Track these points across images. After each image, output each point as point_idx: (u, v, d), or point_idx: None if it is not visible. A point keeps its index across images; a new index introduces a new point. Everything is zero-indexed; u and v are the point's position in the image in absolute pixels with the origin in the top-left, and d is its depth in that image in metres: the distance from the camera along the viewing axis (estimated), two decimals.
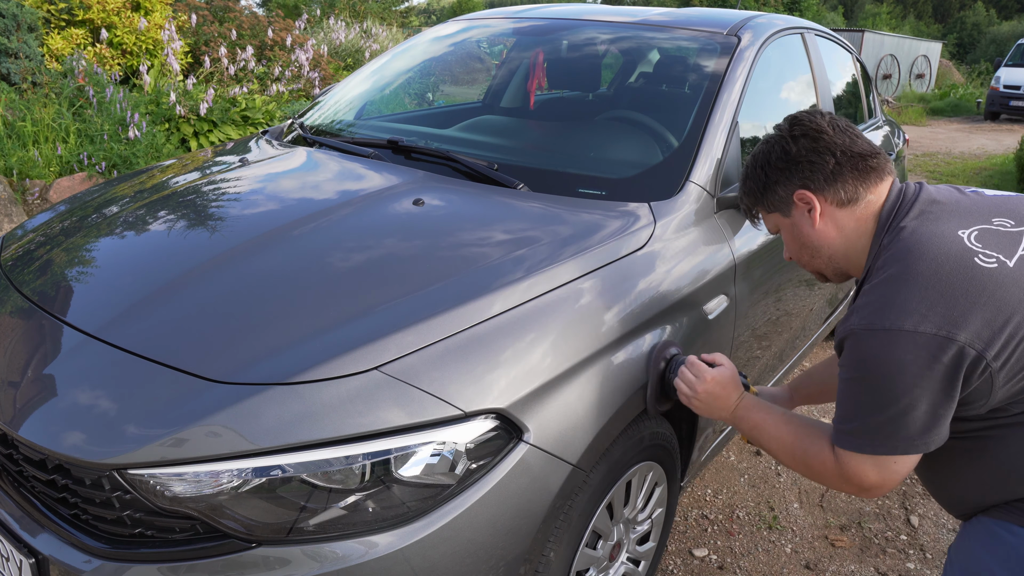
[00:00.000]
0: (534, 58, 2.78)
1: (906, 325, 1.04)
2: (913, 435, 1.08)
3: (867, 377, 1.09)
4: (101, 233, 1.74)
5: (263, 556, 1.14)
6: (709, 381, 1.41)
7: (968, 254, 1.07)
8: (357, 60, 9.76)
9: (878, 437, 1.10)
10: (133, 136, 5.05)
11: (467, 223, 1.66)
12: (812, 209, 1.25)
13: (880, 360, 1.06)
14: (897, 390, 1.06)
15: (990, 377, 1.04)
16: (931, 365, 1.03)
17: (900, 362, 1.04)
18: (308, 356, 1.23)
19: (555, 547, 1.39)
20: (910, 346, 1.03)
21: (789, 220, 1.30)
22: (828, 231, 1.26)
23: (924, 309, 1.03)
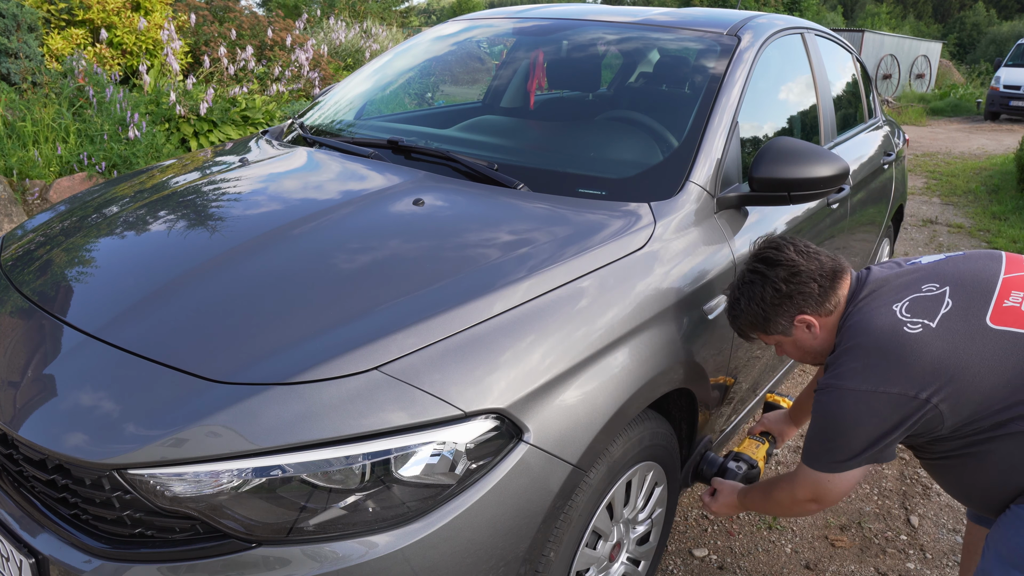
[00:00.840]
0: (534, 58, 2.78)
1: (850, 385, 1.37)
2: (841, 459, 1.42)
3: (824, 418, 1.43)
4: (101, 233, 1.73)
5: (263, 556, 1.14)
6: (716, 507, 1.82)
7: (898, 325, 1.36)
8: (357, 60, 9.76)
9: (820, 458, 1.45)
10: (133, 136, 5.05)
11: (467, 223, 1.66)
12: (812, 327, 1.53)
13: (832, 409, 1.40)
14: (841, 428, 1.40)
15: (936, 409, 1.33)
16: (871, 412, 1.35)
17: (844, 410, 1.38)
18: (308, 356, 1.23)
19: (555, 547, 1.39)
20: (855, 399, 1.36)
21: (791, 338, 1.58)
22: (824, 337, 1.54)
23: (865, 372, 1.36)
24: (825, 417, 1.41)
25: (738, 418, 2.29)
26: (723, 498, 1.80)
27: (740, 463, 1.88)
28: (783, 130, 2.46)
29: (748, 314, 1.57)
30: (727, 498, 1.79)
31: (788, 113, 2.55)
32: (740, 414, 2.30)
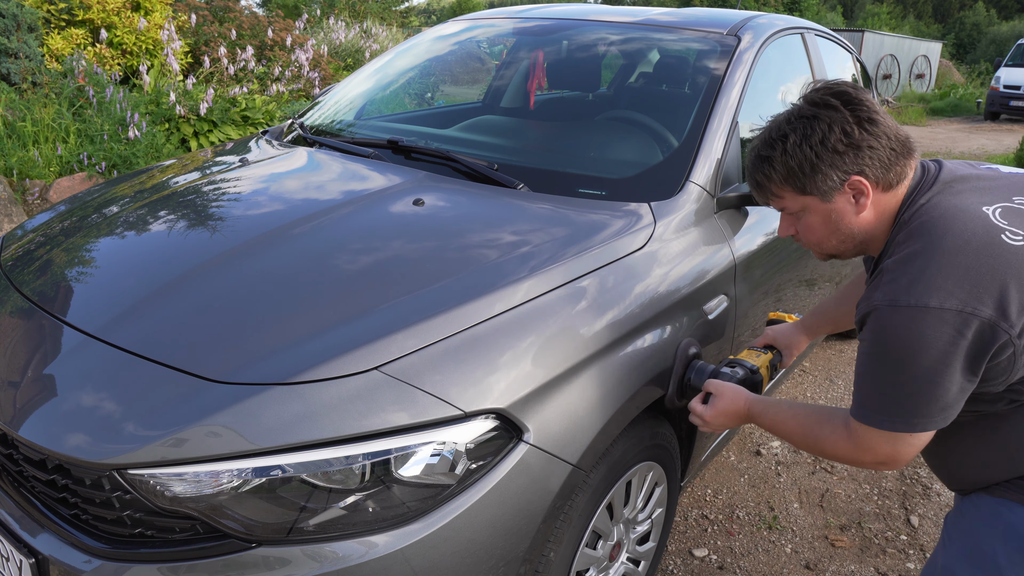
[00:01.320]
0: (534, 58, 2.78)
1: (932, 302, 1.02)
2: (932, 413, 1.08)
3: (889, 353, 1.08)
4: (101, 233, 1.73)
5: (263, 556, 1.14)
6: (711, 414, 1.47)
7: (995, 231, 1.06)
8: (357, 60, 9.76)
9: (897, 414, 1.11)
10: (133, 136, 5.05)
11: (467, 223, 1.66)
12: (862, 196, 1.18)
13: (903, 337, 1.05)
14: (919, 368, 1.05)
15: (1013, 355, 1.04)
16: (955, 342, 1.02)
17: (924, 339, 1.03)
18: (308, 356, 1.23)
19: (555, 547, 1.39)
20: (935, 323, 1.02)
21: (828, 206, 1.21)
22: (869, 218, 1.20)
23: (950, 286, 1.02)
24: (897, 349, 1.06)
25: None
26: (723, 403, 1.45)
27: (736, 368, 1.58)
28: None
29: (793, 158, 1.19)
30: (729, 404, 1.44)
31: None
32: None
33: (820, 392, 3.40)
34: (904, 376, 1.07)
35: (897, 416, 1.11)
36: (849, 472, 2.78)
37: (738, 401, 1.44)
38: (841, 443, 1.22)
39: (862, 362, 1.15)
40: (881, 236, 1.22)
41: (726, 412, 1.45)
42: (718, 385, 1.48)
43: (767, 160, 1.24)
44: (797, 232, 1.29)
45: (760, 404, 1.40)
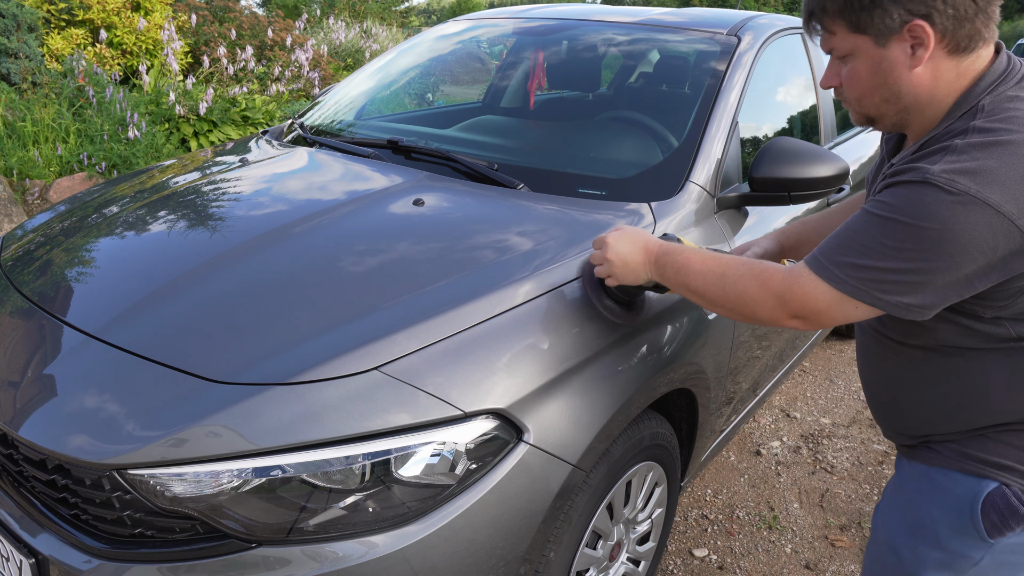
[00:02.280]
0: (534, 58, 2.78)
1: (992, 197, 0.91)
2: (911, 303, 0.98)
3: (907, 226, 0.95)
4: (101, 233, 1.73)
5: (263, 556, 1.14)
6: (611, 240, 1.34)
7: None
8: (357, 60, 9.76)
9: (868, 282, 0.99)
10: (133, 136, 5.05)
11: (467, 223, 1.66)
12: (921, 47, 1.01)
13: (939, 217, 0.93)
14: (930, 253, 0.94)
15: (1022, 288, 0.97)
16: (984, 250, 0.93)
17: (958, 230, 0.92)
18: (308, 356, 1.23)
19: (555, 547, 1.39)
20: (980, 220, 0.92)
21: (880, 51, 1.04)
22: (924, 79, 1.04)
23: (1015, 188, 0.92)
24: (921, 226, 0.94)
25: (738, 418, 2.29)
26: (618, 243, 1.32)
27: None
28: (783, 130, 2.45)
29: None
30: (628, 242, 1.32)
31: (788, 113, 2.55)
32: (740, 414, 2.30)
33: (820, 392, 3.40)
34: (909, 253, 0.95)
35: (867, 284, 0.99)
36: (849, 472, 2.78)
37: (637, 235, 1.32)
38: (772, 282, 1.09)
39: (859, 218, 1.02)
40: (932, 112, 1.07)
41: (626, 239, 1.32)
42: (622, 234, 1.35)
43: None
44: (840, 83, 1.13)
45: (670, 244, 1.28)
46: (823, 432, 3.05)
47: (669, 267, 1.26)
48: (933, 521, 1.14)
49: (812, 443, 2.97)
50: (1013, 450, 1.08)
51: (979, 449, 1.10)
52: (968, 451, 1.11)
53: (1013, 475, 1.08)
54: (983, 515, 1.09)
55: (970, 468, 1.11)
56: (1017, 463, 1.07)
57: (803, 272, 1.06)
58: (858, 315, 1.04)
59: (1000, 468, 1.08)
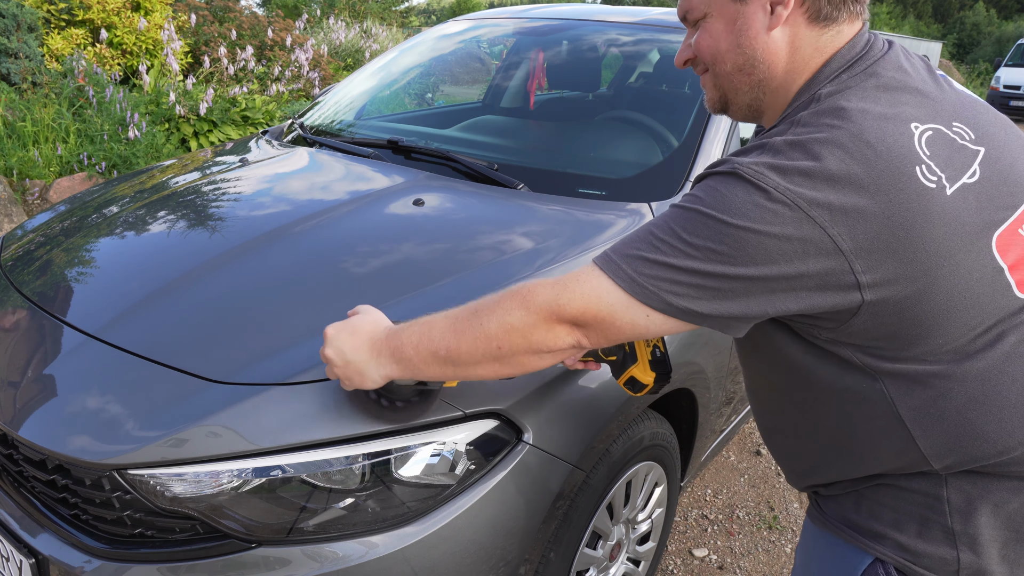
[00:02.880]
0: (534, 58, 2.78)
1: (803, 200, 0.80)
2: (708, 313, 0.85)
3: (710, 218, 0.83)
4: (101, 233, 1.74)
5: (263, 556, 1.14)
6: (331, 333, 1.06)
7: (912, 159, 0.82)
8: (357, 60, 9.76)
9: (663, 284, 0.85)
10: (133, 136, 5.05)
11: (467, 223, 1.66)
12: (779, 5, 0.93)
13: (745, 212, 0.81)
14: (734, 256, 0.82)
15: (856, 308, 0.83)
16: (794, 258, 0.81)
17: (764, 231, 0.80)
18: (308, 356, 1.23)
19: (555, 547, 1.39)
20: (789, 222, 0.80)
21: (738, 7, 0.95)
22: (779, 45, 0.94)
23: (834, 196, 0.80)
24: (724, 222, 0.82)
25: (738, 418, 2.29)
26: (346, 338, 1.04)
27: None
28: None
29: None
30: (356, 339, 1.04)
31: None
32: (740, 414, 2.30)
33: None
34: (705, 251, 0.83)
35: (657, 283, 0.85)
36: None
37: (368, 323, 1.06)
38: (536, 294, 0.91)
39: (663, 213, 0.90)
40: (783, 95, 0.98)
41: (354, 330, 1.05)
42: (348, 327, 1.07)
43: None
44: (693, 55, 1.02)
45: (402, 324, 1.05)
46: None
47: (407, 346, 1.00)
48: None
49: None
50: (886, 511, 0.95)
51: (854, 511, 0.99)
52: (846, 514, 1.00)
53: (888, 547, 0.95)
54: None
55: (847, 536, 0.99)
56: (891, 528, 0.94)
57: (584, 270, 0.90)
58: (651, 327, 0.88)
59: (875, 538, 0.96)
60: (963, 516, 0.90)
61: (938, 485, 0.91)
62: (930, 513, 0.91)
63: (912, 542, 0.92)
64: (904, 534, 0.93)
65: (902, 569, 0.94)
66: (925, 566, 0.92)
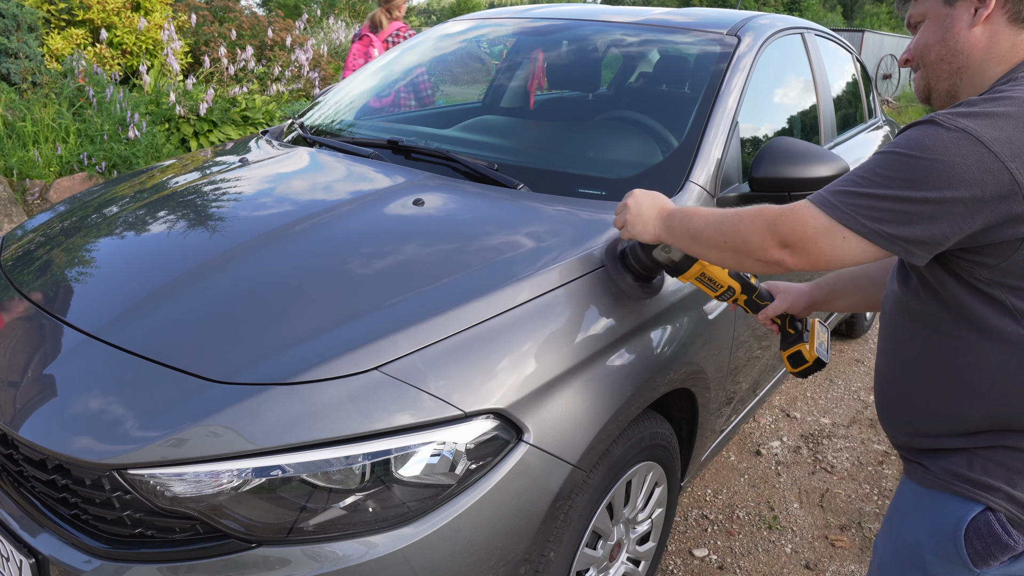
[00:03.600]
0: (534, 58, 2.78)
1: (984, 135, 0.93)
2: (897, 235, 0.98)
3: (906, 158, 0.98)
4: (101, 233, 1.73)
5: (263, 556, 1.14)
6: (636, 192, 1.40)
7: None
8: None
9: (862, 211, 1.00)
10: (133, 136, 5.05)
11: (467, 223, 1.66)
12: (983, 7, 1.07)
13: (934, 149, 0.95)
14: (922, 181, 0.96)
15: (1020, 242, 0.95)
16: (973, 186, 0.93)
17: (947, 161, 0.94)
18: (308, 356, 1.23)
19: (555, 547, 1.39)
20: (968, 153, 0.93)
21: (947, 10, 1.11)
22: (980, 40, 1.09)
23: (1014, 136, 0.93)
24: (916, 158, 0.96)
25: (738, 418, 2.29)
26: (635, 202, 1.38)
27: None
28: (783, 130, 2.45)
29: None
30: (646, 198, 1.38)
31: (788, 113, 2.54)
32: (740, 414, 2.30)
33: (820, 392, 3.40)
34: (897, 181, 0.98)
35: (856, 210, 1.01)
36: (849, 472, 2.78)
37: (651, 195, 1.37)
38: (764, 211, 1.10)
39: (869, 160, 1.04)
40: (980, 81, 1.10)
41: (644, 196, 1.38)
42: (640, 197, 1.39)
43: None
44: (912, 56, 1.19)
45: (683, 207, 1.32)
46: (823, 432, 3.06)
47: (676, 218, 1.30)
48: (919, 546, 1.11)
49: (812, 443, 2.97)
50: (1000, 469, 1.03)
51: (967, 468, 1.06)
52: (956, 469, 1.07)
53: (999, 497, 1.03)
54: (966, 541, 1.05)
55: (957, 489, 1.07)
56: (1004, 483, 1.03)
57: (800, 203, 1.07)
58: (848, 249, 1.02)
59: (987, 489, 1.04)
60: None
61: None
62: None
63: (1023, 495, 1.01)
64: (1017, 488, 1.01)
65: (1012, 520, 1.02)
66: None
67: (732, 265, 1.20)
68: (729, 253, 1.17)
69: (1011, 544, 1.02)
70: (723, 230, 1.17)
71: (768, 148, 1.86)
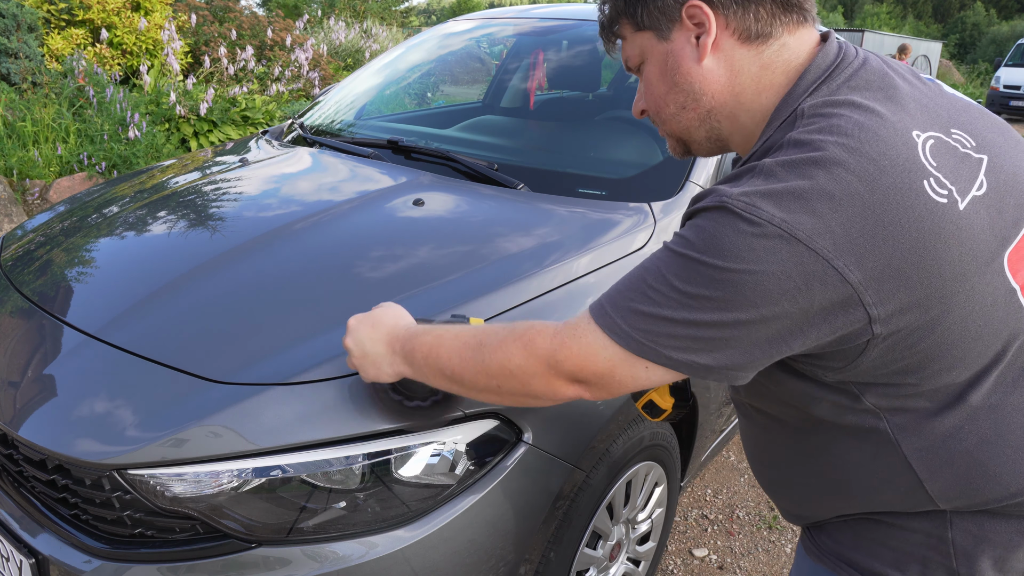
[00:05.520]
0: (534, 58, 2.78)
1: (800, 230, 0.72)
2: (711, 365, 0.78)
3: (703, 264, 0.75)
4: (101, 233, 1.74)
5: (263, 556, 1.14)
6: (353, 324, 1.09)
7: (919, 172, 0.74)
8: (357, 60, 9.77)
9: (661, 339, 0.79)
10: (133, 136, 5.05)
11: (467, 223, 1.66)
12: (703, 34, 0.88)
13: (740, 254, 0.73)
14: (733, 302, 0.74)
15: (865, 343, 0.77)
16: (798, 296, 0.73)
17: (761, 271, 0.73)
18: (308, 356, 1.23)
19: (555, 547, 1.39)
20: (788, 257, 0.72)
21: (665, 46, 0.91)
22: (716, 73, 0.89)
23: (836, 221, 0.72)
24: (720, 264, 0.74)
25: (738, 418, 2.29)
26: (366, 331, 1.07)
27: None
28: None
29: None
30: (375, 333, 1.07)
31: None
32: None
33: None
34: (700, 300, 0.76)
35: (654, 339, 0.79)
36: None
37: (390, 318, 1.08)
38: (536, 343, 0.88)
39: (653, 255, 0.82)
40: (750, 120, 0.90)
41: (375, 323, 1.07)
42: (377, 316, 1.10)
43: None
44: (646, 105, 0.98)
45: (421, 327, 1.05)
46: None
47: (418, 352, 1.00)
48: None
49: None
50: (886, 551, 0.90)
51: (852, 549, 0.93)
52: (842, 551, 0.94)
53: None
54: None
55: (845, 574, 0.94)
56: (891, 569, 0.89)
57: (581, 323, 0.85)
58: (652, 379, 0.84)
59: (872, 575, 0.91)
60: (968, 559, 0.85)
61: (942, 526, 0.86)
62: (934, 554, 0.87)
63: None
64: (906, 574, 0.88)
65: None
66: None
67: (517, 405, 1.00)
68: (509, 397, 0.94)
69: None
70: (487, 368, 0.92)
71: None
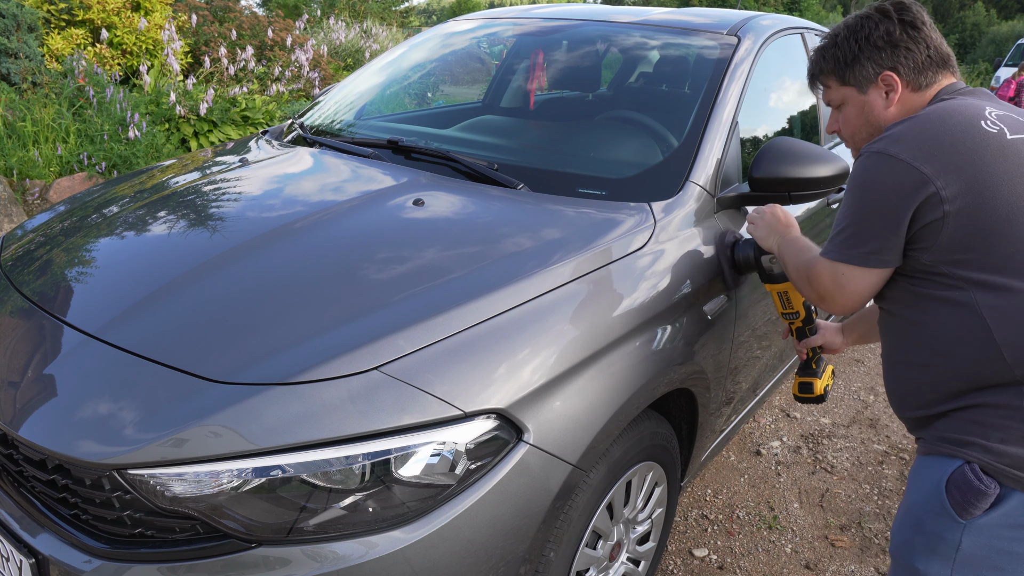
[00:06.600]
0: (534, 58, 2.78)
1: (890, 149, 1.20)
2: (866, 251, 1.24)
3: (849, 191, 1.27)
4: (101, 233, 1.74)
5: (263, 556, 1.14)
6: (777, 208, 1.70)
7: (977, 116, 1.20)
8: (357, 60, 9.76)
9: (838, 244, 1.29)
10: (133, 136, 5.05)
11: (467, 223, 1.66)
12: (892, 91, 1.37)
13: (859, 175, 1.24)
14: (860, 203, 1.24)
15: (941, 222, 1.16)
16: (894, 189, 1.19)
17: (872, 180, 1.22)
18: (308, 356, 1.23)
19: (555, 547, 1.39)
20: (885, 168, 1.20)
21: (863, 98, 1.41)
22: (894, 115, 1.37)
23: (912, 143, 1.19)
24: (853, 187, 1.26)
25: (738, 418, 2.29)
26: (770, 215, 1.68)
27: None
28: (783, 130, 2.45)
29: (841, 50, 1.42)
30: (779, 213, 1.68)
31: (788, 113, 2.55)
32: (740, 414, 2.30)
33: None
34: (850, 210, 1.26)
35: (839, 246, 1.29)
36: (849, 472, 2.78)
37: (784, 214, 1.67)
38: (810, 271, 1.39)
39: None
40: None
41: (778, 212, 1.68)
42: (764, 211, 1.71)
43: (821, 50, 1.47)
44: (839, 128, 1.49)
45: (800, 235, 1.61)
46: (823, 432, 3.06)
47: (788, 245, 1.58)
48: (915, 506, 1.24)
49: (812, 443, 2.97)
50: (975, 426, 1.18)
51: (949, 430, 1.21)
52: (942, 433, 1.22)
53: (974, 450, 1.16)
54: (948, 493, 1.17)
55: (942, 450, 1.21)
56: (978, 438, 1.16)
57: (818, 259, 1.37)
58: (853, 279, 1.28)
59: (964, 445, 1.18)
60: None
61: (1017, 396, 1.15)
62: (1010, 422, 1.15)
63: (995, 445, 1.14)
64: (989, 440, 1.15)
65: (985, 468, 1.15)
66: (1007, 464, 1.13)
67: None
68: (806, 293, 1.45)
69: (984, 490, 1.14)
70: (799, 276, 1.47)
71: (768, 148, 1.86)
